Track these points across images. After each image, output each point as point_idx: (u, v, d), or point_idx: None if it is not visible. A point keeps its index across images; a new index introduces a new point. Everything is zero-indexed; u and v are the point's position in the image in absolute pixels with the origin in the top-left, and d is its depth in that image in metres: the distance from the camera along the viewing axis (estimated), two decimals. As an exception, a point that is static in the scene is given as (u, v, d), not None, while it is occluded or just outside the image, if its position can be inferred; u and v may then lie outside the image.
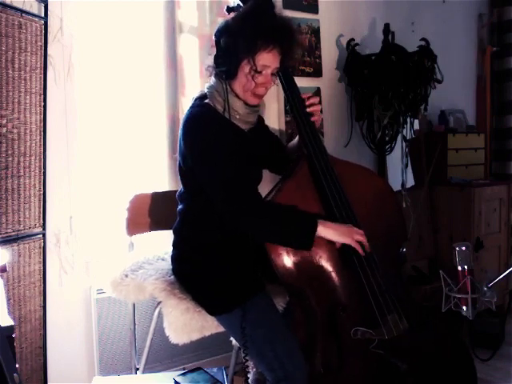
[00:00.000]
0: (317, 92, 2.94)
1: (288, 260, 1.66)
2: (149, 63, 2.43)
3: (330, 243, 1.66)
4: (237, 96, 1.66)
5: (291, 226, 1.61)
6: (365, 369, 1.70)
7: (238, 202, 1.60)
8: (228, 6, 1.72)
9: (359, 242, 1.63)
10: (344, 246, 1.66)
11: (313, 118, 1.78)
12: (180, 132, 1.68)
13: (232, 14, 1.71)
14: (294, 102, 1.80)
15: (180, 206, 1.78)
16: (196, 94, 1.78)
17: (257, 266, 1.72)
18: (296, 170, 1.78)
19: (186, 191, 1.75)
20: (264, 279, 1.73)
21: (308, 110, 1.77)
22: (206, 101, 1.69)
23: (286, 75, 1.83)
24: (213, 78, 1.70)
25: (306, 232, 1.60)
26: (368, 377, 1.71)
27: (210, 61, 1.68)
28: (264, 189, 1.84)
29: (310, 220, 1.61)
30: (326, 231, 1.60)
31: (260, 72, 1.61)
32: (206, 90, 1.71)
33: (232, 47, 1.59)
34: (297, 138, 1.92)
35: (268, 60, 1.61)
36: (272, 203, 1.70)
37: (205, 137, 1.62)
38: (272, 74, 1.66)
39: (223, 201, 1.61)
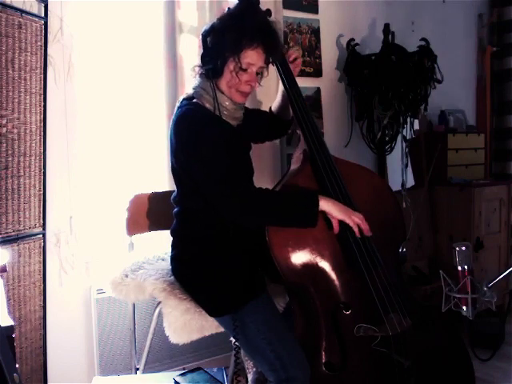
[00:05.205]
0: (317, 92, 2.94)
1: (291, 257, 1.66)
2: (149, 63, 2.43)
3: (330, 230, 1.66)
4: (223, 93, 1.69)
5: (293, 205, 1.64)
6: (368, 367, 1.70)
7: (236, 196, 1.62)
8: (229, 8, 1.75)
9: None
10: (344, 238, 1.67)
11: (295, 62, 1.90)
12: (171, 131, 1.69)
13: None
14: (296, 102, 1.82)
15: (176, 209, 1.79)
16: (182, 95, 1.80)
17: (257, 265, 1.72)
18: (298, 169, 1.80)
19: (181, 192, 1.76)
20: (266, 278, 1.73)
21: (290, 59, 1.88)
22: (194, 100, 1.71)
23: (288, 77, 1.85)
24: (198, 78, 1.72)
25: (308, 208, 1.62)
26: (371, 375, 1.71)
27: (198, 61, 1.72)
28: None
29: (310, 196, 1.65)
30: (328, 205, 1.63)
31: (245, 70, 1.65)
32: (192, 91, 1.73)
33: (218, 46, 1.64)
34: (278, 100, 1.94)
35: (253, 58, 1.64)
36: (269, 191, 1.72)
37: (198, 134, 1.63)
38: (257, 74, 1.69)
39: (221, 196, 1.62)
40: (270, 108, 1.99)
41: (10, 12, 1.84)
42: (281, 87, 1.90)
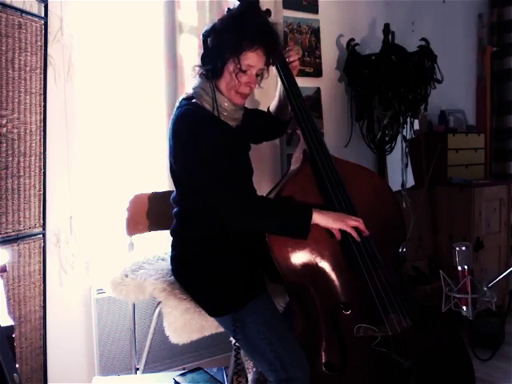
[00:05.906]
0: (317, 92, 2.94)
1: (290, 257, 1.66)
2: (149, 63, 2.43)
3: (332, 237, 1.67)
4: (222, 94, 1.69)
5: (288, 215, 1.65)
6: (368, 367, 1.70)
7: (236, 196, 1.62)
8: (229, 8, 1.75)
9: (356, 229, 1.66)
10: (344, 240, 1.67)
11: (293, 64, 1.88)
12: (170, 132, 1.69)
13: None
14: (296, 102, 1.83)
15: (175, 209, 1.79)
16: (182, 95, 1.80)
17: (257, 265, 1.72)
18: (298, 169, 1.80)
19: (180, 193, 1.76)
20: (266, 278, 1.73)
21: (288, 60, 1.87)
22: (194, 100, 1.71)
23: (288, 77, 1.85)
24: (198, 78, 1.72)
25: (302, 220, 1.63)
26: (371, 375, 1.71)
27: (198, 61, 1.72)
28: (264, 188, 1.85)
29: (305, 208, 1.65)
30: (321, 218, 1.64)
31: (245, 71, 1.65)
32: (191, 91, 1.73)
33: (218, 46, 1.64)
34: (276, 100, 1.94)
35: (253, 60, 1.64)
36: (267, 197, 1.74)
37: (198, 135, 1.62)
38: (257, 75, 1.69)
39: (220, 196, 1.62)
40: (268, 108, 1.99)
41: (10, 12, 1.84)
42: (279, 87, 1.90)
